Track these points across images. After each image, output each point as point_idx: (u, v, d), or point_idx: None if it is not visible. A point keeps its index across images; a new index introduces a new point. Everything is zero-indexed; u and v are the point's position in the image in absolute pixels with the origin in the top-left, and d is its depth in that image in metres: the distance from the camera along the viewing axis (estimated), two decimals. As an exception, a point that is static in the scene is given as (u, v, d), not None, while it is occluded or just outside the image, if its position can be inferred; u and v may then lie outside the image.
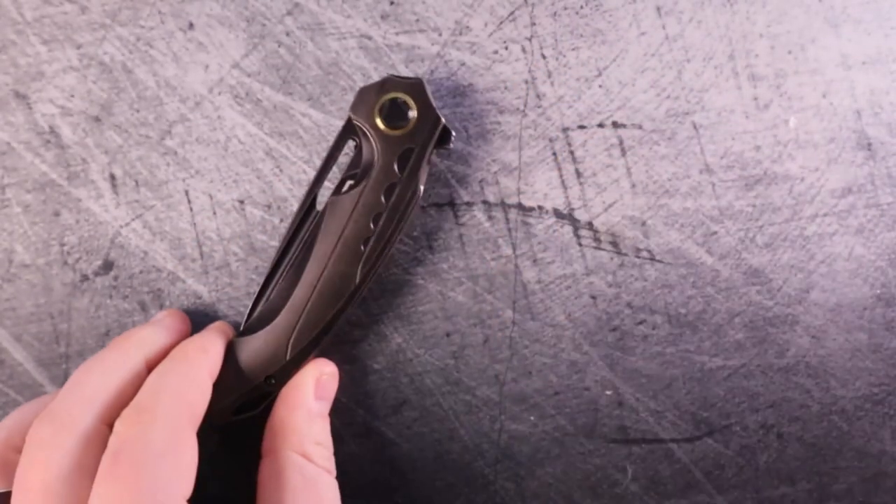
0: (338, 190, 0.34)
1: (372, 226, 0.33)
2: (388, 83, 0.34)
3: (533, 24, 0.37)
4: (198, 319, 0.37)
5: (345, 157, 0.37)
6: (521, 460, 0.37)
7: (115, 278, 0.37)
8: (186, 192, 0.37)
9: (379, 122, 0.34)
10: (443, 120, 0.34)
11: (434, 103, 0.34)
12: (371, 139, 0.34)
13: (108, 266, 0.37)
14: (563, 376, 0.37)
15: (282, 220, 0.37)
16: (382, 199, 0.33)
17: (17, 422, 0.31)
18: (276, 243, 0.37)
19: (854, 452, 0.37)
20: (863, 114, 0.37)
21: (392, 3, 0.37)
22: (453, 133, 0.35)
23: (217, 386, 0.32)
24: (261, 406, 0.34)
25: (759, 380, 0.37)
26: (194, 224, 0.37)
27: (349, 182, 0.34)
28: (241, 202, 0.37)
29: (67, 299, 0.37)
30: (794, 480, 0.37)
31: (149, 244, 0.37)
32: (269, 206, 0.37)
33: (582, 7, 0.37)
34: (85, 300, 0.37)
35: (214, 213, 0.37)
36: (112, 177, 0.37)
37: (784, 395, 0.37)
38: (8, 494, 0.29)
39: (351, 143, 0.35)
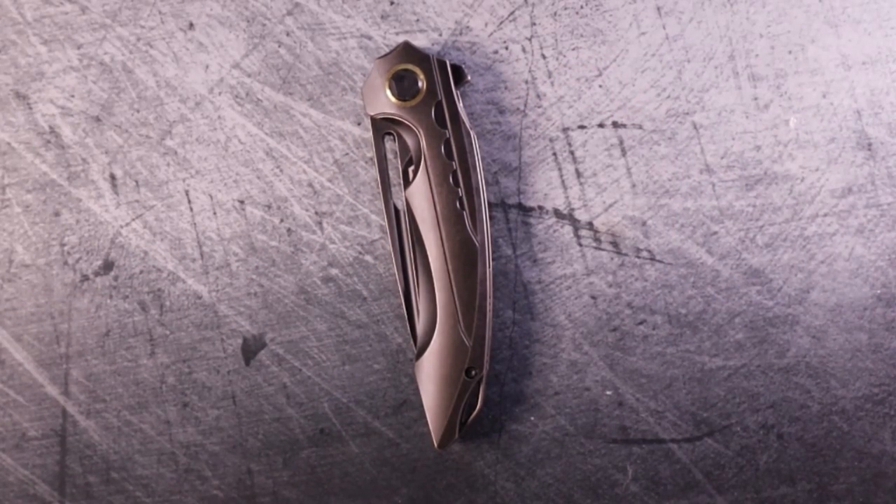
0: (407, 182, 0.35)
1: (455, 186, 0.35)
2: (379, 66, 0.35)
3: (533, 24, 0.37)
4: (198, 319, 0.37)
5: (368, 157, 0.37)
6: (521, 460, 0.37)
7: (116, 278, 0.37)
8: (186, 192, 0.37)
9: (398, 101, 0.35)
10: (447, 61, 0.35)
11: (428, 53, 0.35)
12: (401, 121, 0.35)
13: (108, 266, 0.37)
14: (563, 376, 0.37)
15: (282, 220, 0.37)
16: (447, 159, 0.35)
17: None
18: (275, 243, 0.37)
19: (854, 453, 0.37)
20: (863, 114, 0.37)
21: (392, 3, 0.37)
22: (464, 66, 0.36)
23: (435, 411, 0.35)
24: (478, 400, 0.35)
25: (759, 380, 0.37)
26: (194, 224, 0.37)
27: (411, 169, 0.35)
28: (242, 202, 0.37)
29: (68, 299, 0.37)
30: (794, 480, 0.37)
31: (149, 244, 0.37)
32: (269, 206, 0.37)
33: (582, 7, 0.37)
34: (85, 300, 0.37)
35: (215, 213, 0.37)
36: (112, 177, 0.37)
37: (784, 396, 0.37)
38: None
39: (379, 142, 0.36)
